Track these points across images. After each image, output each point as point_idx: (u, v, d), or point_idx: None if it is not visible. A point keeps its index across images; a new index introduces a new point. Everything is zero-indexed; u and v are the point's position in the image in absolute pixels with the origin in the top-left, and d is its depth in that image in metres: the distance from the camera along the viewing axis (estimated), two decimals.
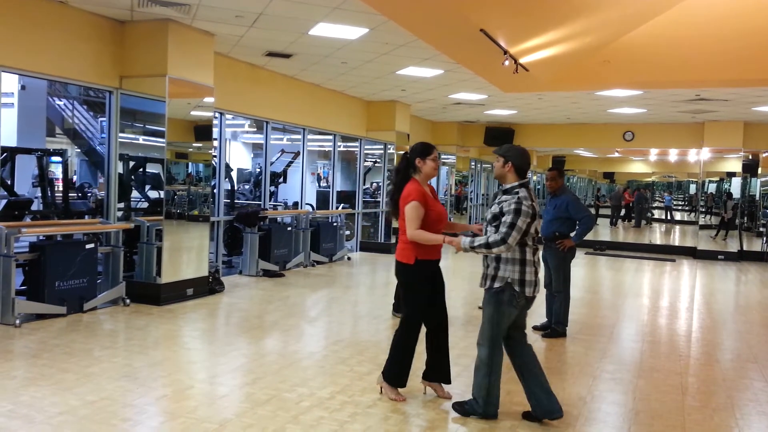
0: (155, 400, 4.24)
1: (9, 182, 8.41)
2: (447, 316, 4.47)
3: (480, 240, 3.86)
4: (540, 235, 4.12)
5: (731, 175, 15.74)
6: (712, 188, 17.50)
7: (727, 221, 15.88)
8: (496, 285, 3.92)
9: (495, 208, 3.93)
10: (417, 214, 4.15)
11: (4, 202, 7.69)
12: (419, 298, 4.30)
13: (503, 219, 3.81)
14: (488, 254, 3.91)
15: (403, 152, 4.66)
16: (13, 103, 11.24)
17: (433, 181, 4.51)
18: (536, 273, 3.97)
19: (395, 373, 4.35)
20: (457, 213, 18.60)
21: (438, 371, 4.45)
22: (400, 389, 4.39)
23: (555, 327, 6.44)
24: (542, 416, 4.03)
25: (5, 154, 8.13)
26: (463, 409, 4.13)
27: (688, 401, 4.65)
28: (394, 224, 6.05)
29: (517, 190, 3.90)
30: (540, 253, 4.07)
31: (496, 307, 3.95)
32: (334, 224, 11.75)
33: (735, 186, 16.20)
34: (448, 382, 4.48)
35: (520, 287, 3.89)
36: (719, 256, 14.55)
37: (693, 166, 21.71)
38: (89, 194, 12.21)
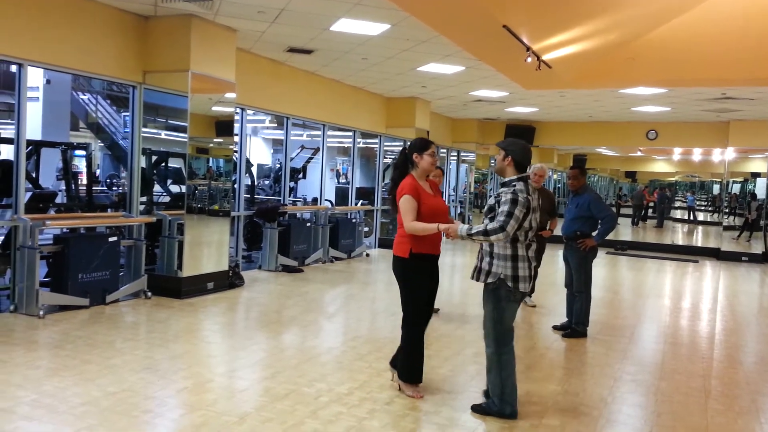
0: (175, 393, 4.28)
1: (34, 175, 8.54)
2: (431, 314, 4.54)
3: (478, 227, 3.90)
4: (536, 231, 4.13)
5: (756, 175, 15.50)
6: (736, 189, 17.25)
7: (751, 222, 15.63)
8: (490, 280, 3.96)
9: (491, 201, 3.99)
10: (410, 206, 4.19)
11: (29, 194, 7.81)
12: (416, 293, 4.31)
13: (500, 209, 3.84)
14: (485, 242, 3.94)
15: (402, 148, 4.74)
16: (38, 97, 11.41)
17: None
18: (530, 268, 3.97)
19: (408, 370, 4.38)
20: (477, 210, 18.50)
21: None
22: (419, 385, 4.40)
23: (575, 327, 6.38)
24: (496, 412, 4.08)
25: (30, 148, 8.25)
26: (481, 409, 4.13)
27: (711, 404, 4.58)
28: None
29: (514, 183, 3.94)
30: (535, 248, 4.08)
31: (495, 304, 3.99)
32: (353, 221, 11.76)
33: (760, 186, 15.93)
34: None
35: (514, 283, 3.91)
36: (743, 258, 14.31)
37: (717, 166, 21.41)
38: (116, 187, 12.35)
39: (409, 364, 4.36)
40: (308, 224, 10.49)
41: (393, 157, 15.44)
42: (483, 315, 4.11)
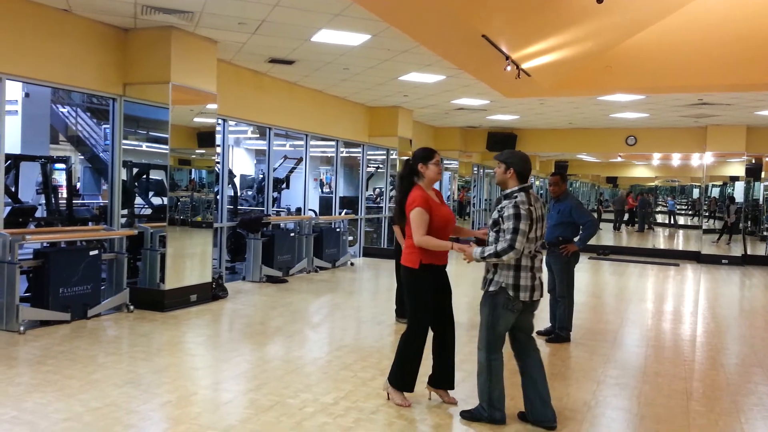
0: (159, 407, 4.25)
1: (13, 189, 8.46)
2: (454, 322, 4.45)
3: (489, 250, 3.88)
4: (543, 240, 4.13)
5: (734, 179, 15.72)
6: (715, 192, 17.48)
7: (731, 225, 15.86)
8: (491, 288, 3.98)
9: (495, 214, 3.98)
10: (422, 220, 4.16)
11: (8, 209, 7.73)
12: (425, 303, 4.29)
13: (505, 226, 3.84)
14: (499, 263, 3.92)
15: (405, 158, 4.72)
16: (17, 111, 11.31)
17: (436, 186, 4.56)
18: (533, 278, 3.98)
19: (401, 378, 4.35)
20: (459, 218, 18.60)
21: (443, 377, 4.44)
22: (406, 394, 4.39)
23: (559, 332, 6.43)
24: (534, 422, 4.07)
25: (9, 162, 8.17)
26: (470, 415, 4.13)
27: (692, 406, 4.64)
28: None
29: (515, 194, 3.94)
30: (542, 257, 4.10)
31: (491, 310, 4.00)
32: (337, 230, 11.75)
33: (738, 190, 16.18)
34: (452, 387, 4.48)
35: (515, 292, 3.92)
36: (723, 261, 14.51)
37: (696, 171, 21.69)
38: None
39: (403, 373, 4.34)
40: (292, 234, 10.47)
41: (376, 165, 15.51)
42: (479, 321, 4.11)
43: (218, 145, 8.70)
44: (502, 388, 4.07)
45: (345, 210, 13.43)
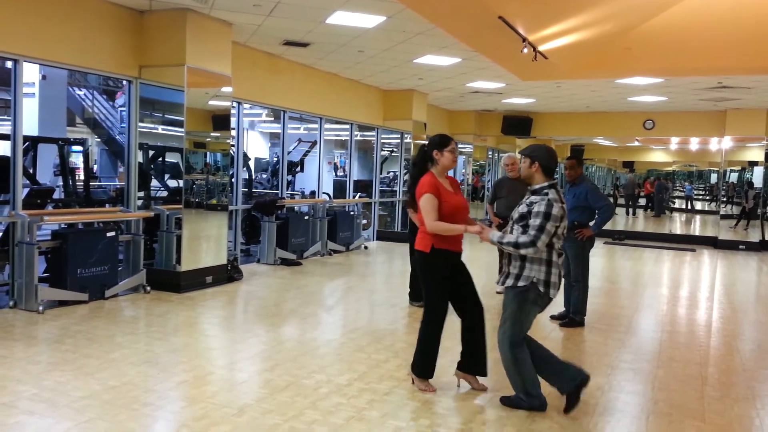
0: (176, 386, 4.30)
1: (31, 171, 8.54)
2: (482, 310, 4.36)
3: (509, 238, 3.84)
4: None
5: (753, 164, 15.49)
6: (733, 177, 17.25)
7: (748, 211, 15.66)
8: (521, 284, 3.87)
9: (523, 208, 3.90)
10: (432, 206, 4.13)
11: (26, 190, 7.80)
12: (437, 287, 4.25)
13: (532, 221, 3.78)
14: (514, 253, 3.88)
15: (421, 144, 4.69)
16: (34, 93, 11.36)
17: (450, 171, 4.50)
18: (560, 275, 3.93)
19: (420, 364, 4.33)
20: (474, 202, 18.53)
21: (471, 362, 4.38)
22: (430, 380, 4.36)
23: (573, 316, 6.41)
24: (576, 386, 3.97)
25: (27, 144, 8.24)
26: (510, 401, 4.07)
27: (707, 391, 4.62)
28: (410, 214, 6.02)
29: (546, 191, 3.87)
30: (564, 256, 4.06)
31: (520, 306, 3.91)
32: (351, 213, 11.77)
33: (757, 175, 15.95)
34: (484, 374, 4.40)
35: (545, 288, 3.85)
36: (740, 246, 14.35)
37: (714, 155, 21.41)
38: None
39: (422, 358, 4.32)
40: (306, 217, 10.50)
41: (390, 149, 15.46)
42: (501, 317, 4.03)
43: (233, 128, 8.71)
44: (534, 375, 3.99)
45: (359, 193, 13.42)
